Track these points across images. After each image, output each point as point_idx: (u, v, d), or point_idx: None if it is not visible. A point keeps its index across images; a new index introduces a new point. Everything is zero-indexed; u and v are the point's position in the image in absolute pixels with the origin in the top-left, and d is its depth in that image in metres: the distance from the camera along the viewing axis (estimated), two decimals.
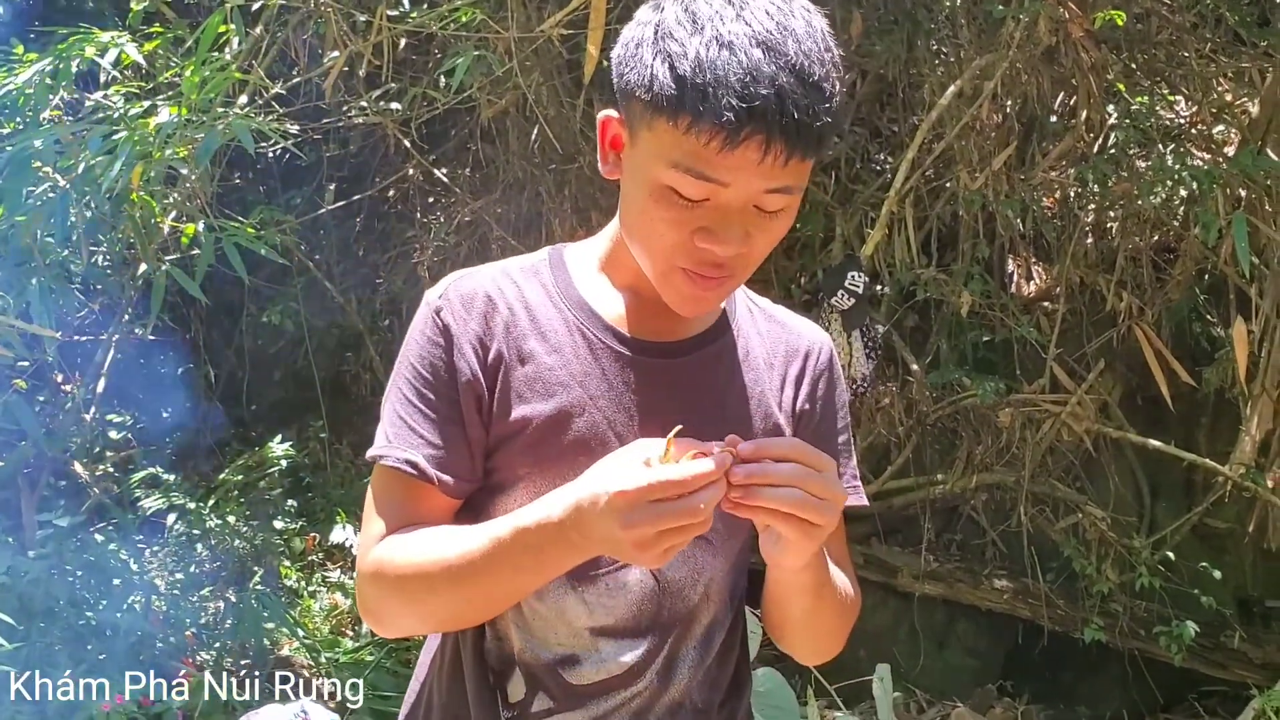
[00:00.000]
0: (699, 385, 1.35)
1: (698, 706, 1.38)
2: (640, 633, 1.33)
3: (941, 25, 4.69)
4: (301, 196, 5.92)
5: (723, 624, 1.40)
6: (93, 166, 3.63)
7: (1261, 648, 4.46)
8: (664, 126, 1.14)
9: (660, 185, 1.17)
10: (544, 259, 1.40)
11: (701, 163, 1.13)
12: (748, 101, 1.09)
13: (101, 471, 5.21)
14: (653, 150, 1.17)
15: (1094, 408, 4.57)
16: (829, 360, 1.46)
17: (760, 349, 1.41)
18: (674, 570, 1.33)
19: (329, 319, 6.08)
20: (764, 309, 1.47)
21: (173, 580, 4.74)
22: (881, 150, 5.24)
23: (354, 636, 4.75)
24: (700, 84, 1.10)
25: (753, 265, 1.25)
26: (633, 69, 1.17)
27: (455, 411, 1.30)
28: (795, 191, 1.19)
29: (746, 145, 1.11)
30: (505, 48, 4.20)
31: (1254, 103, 4.61)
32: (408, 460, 1.29)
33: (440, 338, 1.31)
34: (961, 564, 4.79)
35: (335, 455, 5.89)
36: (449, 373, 1.30)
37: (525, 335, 1.32)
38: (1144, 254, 4.62)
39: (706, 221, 1.18)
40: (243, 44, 4.22)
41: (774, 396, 1.39)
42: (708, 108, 1.10)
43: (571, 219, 4.89)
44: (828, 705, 3.91)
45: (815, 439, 1.39)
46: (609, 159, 1.27)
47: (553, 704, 1.33)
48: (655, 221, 1.20)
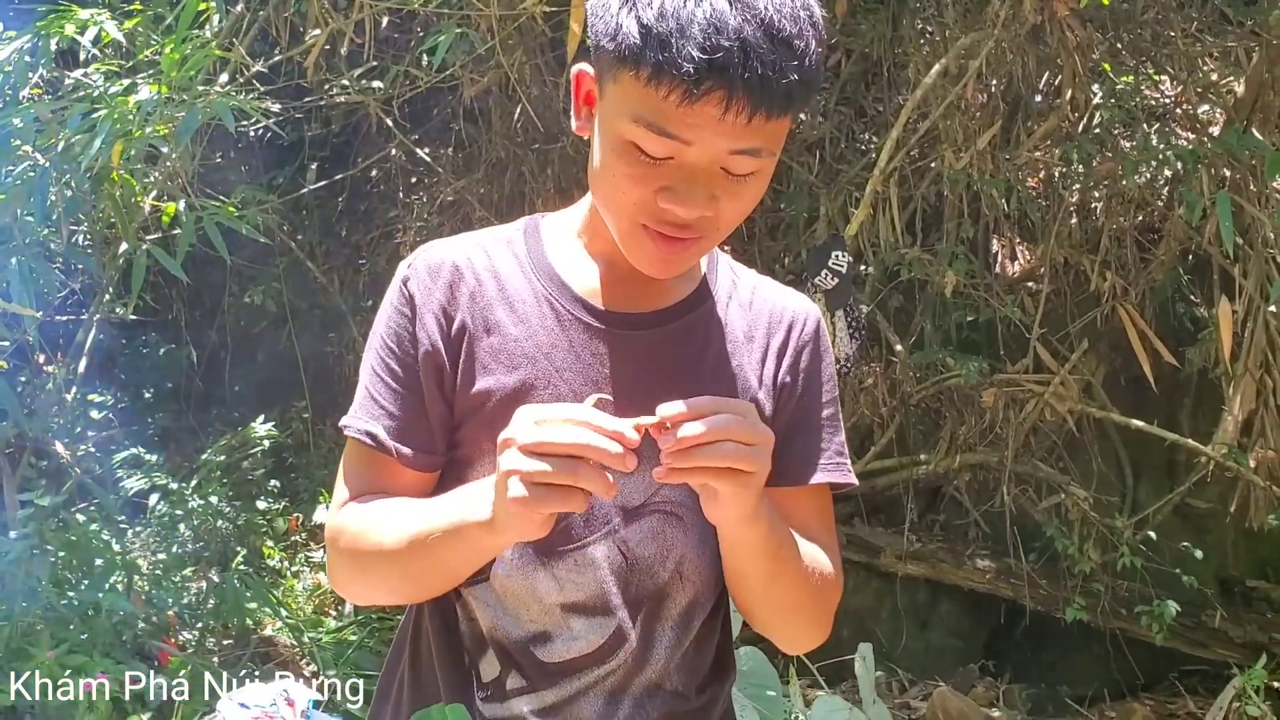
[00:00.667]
0: (672, 357, 1.32)
1: (676, 690, 1.36)
2: (610, 609, 1.31)
3: (926, 4, 4.68)
4: (283, 176, 5.89)
5: (703, 606, 1.38)
6: (72, 145, 3.60)
7: (1242, 627, 4.49)
8: (628, 79, 1.12)
9: (624, 140, 1.15)
10: (519, 228, 1.39)
11: (663, 117, 1.11)
12: (709, 53, 1.06)
13: (83, 451, 5.19)
14: (618, 103, 1.15)
15: (1077, 388, 4.58)
16: (815, 331, 1.40)
17: (741, 320, 1.38)
18: (642, 547, 1.31)
19: (311, 299, 6.06)
20: (748, 279, 1.43)
21: (155, 560, 4.73)
22: (866, 130, 5.23)
23: (337, 616, 4.74)
24: (663, 33, 1.08)
25: (723, 230, 1.23)
26: (601, 18, 1.15)
27: (418, 382, 1.29)
28: (765, 155, 1.16)
29: (707, 99, 1.08)
30: (487, 26, 4.17)
31: (1239, 82, 4.61)
32: (367, 431, 1.29)
33: (406, 308, 1.31)
34: (944, 544, 4.81)
35: (318, 436, 5.88)
36: (412, 344, 1.29)
37: (492, 305, 1.30)
38: (1128, 234, 4.63)
39: (670, 180, 1.15)
40: (223, 21, 4.19)
41: (753, 370, 1.36)
42: (667, 58, 1.07)
43: (555, 198, 4.87)
44: (810, 684, 3.92)
45: (798, 412, 1.37)
46: (582, 114, 1.25)
47: (525, 682, 1.31)
48: (618, 177, 1.18)
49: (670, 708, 1.35)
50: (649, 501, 1.31)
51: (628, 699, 1.33)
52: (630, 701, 1.33)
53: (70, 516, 4.49)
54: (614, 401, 1.26)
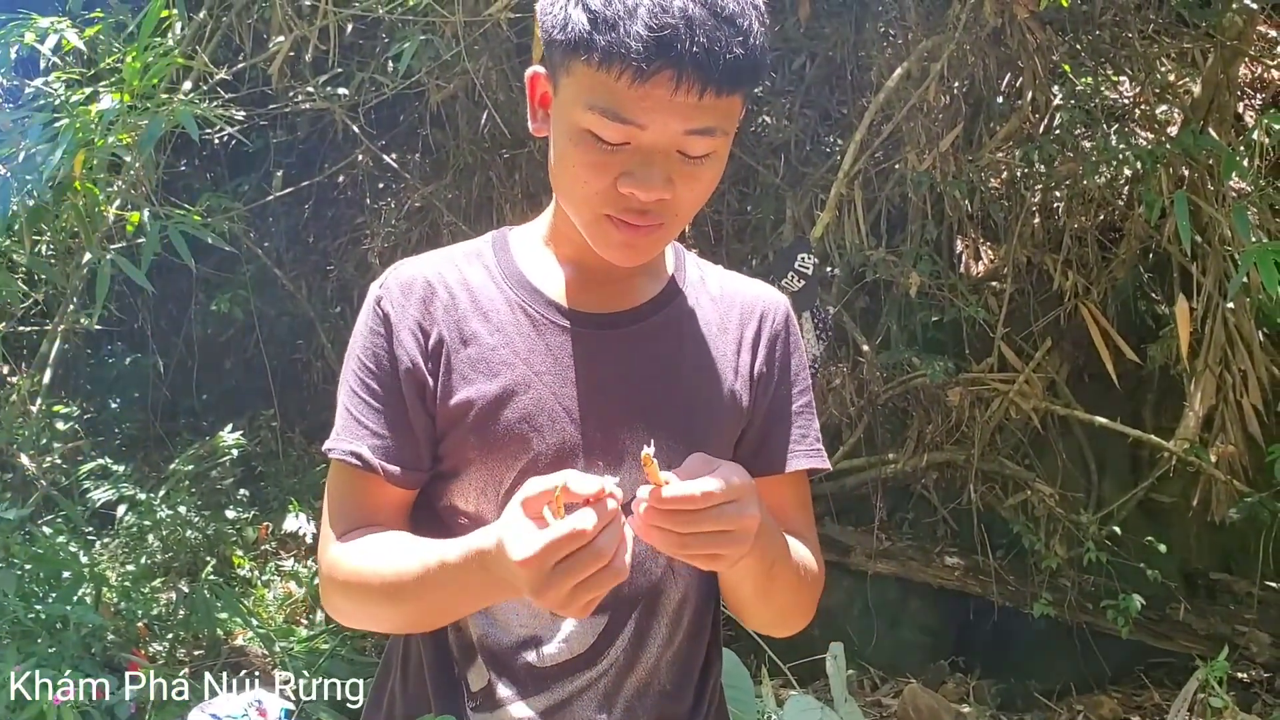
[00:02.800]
0: (647, 355, 1.34)
1: (665, 689, 1.37)
2: (603, 608, 1.32)
3: (889, 7, 4.72)
4: (249, 183, 5.86)
5: (692, 603, 1.39)
6: (34, 154, 3.58)
7: (1206, 619, 4.54)
8: (580, 68, 1.15)
9: (580, 130, 1.17)
10: (488, 242, 1.40)
11: (616, 101, 1.13)
12: (655, 31, 1.09)
13: (49, 463, 5.15)
14: (572, 94, 1.17)
15: (1041, 386, 4.63)
16: (785, 321, 1.43)
17: (713, 314, 1.40)
18: (633, 544, 1.32)
19: (279, 307, 6.03)
20: (715, 274, 1.45)
21: (124, 572, 4.69)
22: (830, 132, 5.26)
23: (308, 625, 4.72)
24: (610, 17, 1.11)
25: (683, 215, 1.25)
26: (551, 14, 1.18)
27: (399, 400, 1.30)
28: (719, 134, 1.18)
29: (657, 79, 1.11)
30: (453, 32, 4.18)
31: (1196, 83, 4.67)
32: (353, 452, 1.29)
33: (381, 327, 1.31)
34: (913, 542, 4.84)
35: (287, 444, 5.84)
36: (391, 362, 1.30)
37: (466, 317, 1.31)
38: (1089, 233, 4.68)
39: (628, 165, 1.17)
40: (186, 29, 4.17)
41: (729, 362, 1.38)
42: (616, 38, 1.10)
43: (523, 204, 4.88)
44: (782, 684, 3.93)
45: (774, 402, 1.40)
46: (538, 116, 1.27)
47: (516, 689, 1.32)
48: (578, 168, 1.20)
49: (661, 709, 1.37)
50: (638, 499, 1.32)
51: (619, 701, 1.34)
52: (621, 704, 1.34)
53: (37, 529, 4.45)
54: (587, 401, 1.29)
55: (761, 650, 3.69)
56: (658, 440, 1.27)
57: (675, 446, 1.31)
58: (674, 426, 1.31)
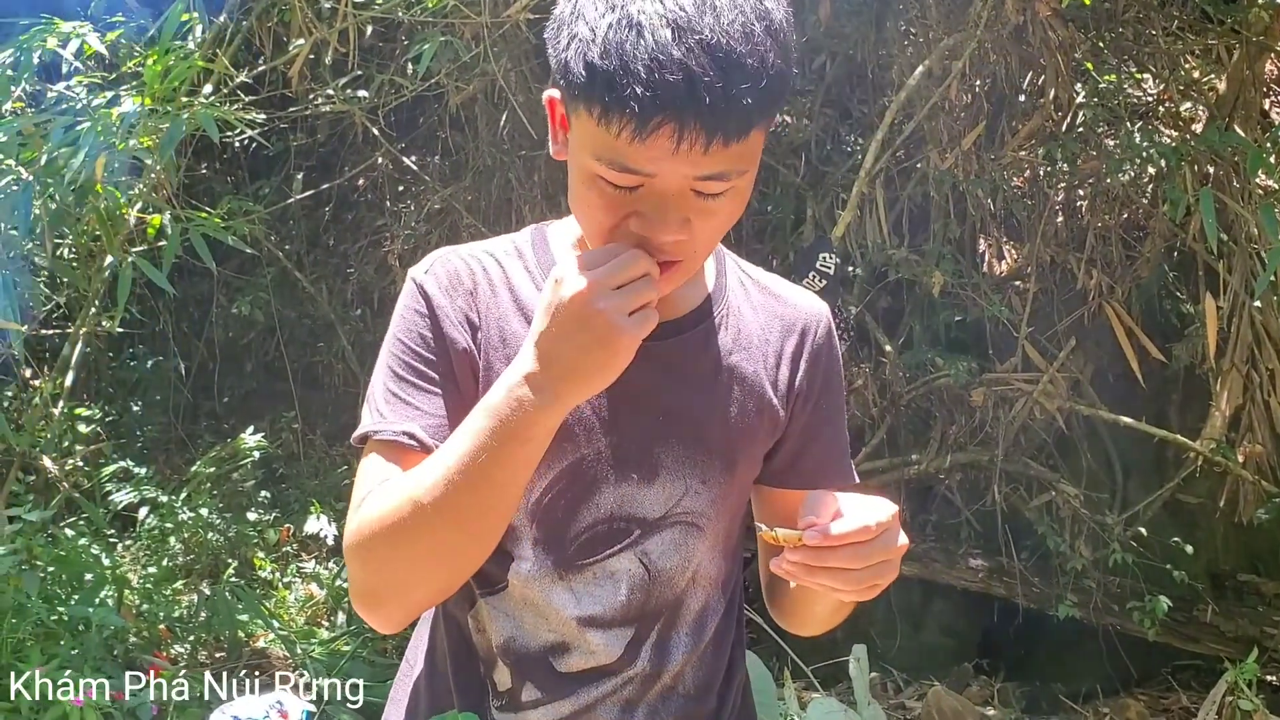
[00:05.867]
0: (685, 367, 1.31)
1: (690, 692, 1.36)
2: (628, 621, 1.31)
3: (910, 6, 4.70)
4: (270, 186, 5.87)
5: (715, 610, 1.38)
6: (56, 158, 3.59)
7: (1234, 621, 4.50)
8: (583, 115, 1.10)
9: (590, 173, 1.13)
10: (527, 239, 1.37)
11: (620, 155, 1.08)
12: (654, 89, 1.02)
13: (71, 465, 5.17)
14: (579, 139, 1.13)
15: (1066, 386, 4.59)
16: (827, 334, 1.40)
17: (754, 325, 1.37)
18: (664, 559, 1.31)
19: (300, 309, 6.05)
20: (758, 281, 1.42)
21: (145, 574, 4.71)
22: (851, 132, 5.24)
23: (329, 627, 4.73)
24: (607, 72, 1.04)
25: (703, 251, 1.20)
26: (554, 55, 1.12)
27: (449, 382, 1.26)
28: (734, 176, 1.12)
29: (658, 135, 1.05)
30: (473, 33, 4.18)
31: (1221, 79, 4.64)
32: (405, 431, 1.23)
33: (428, 311, 1.27)
34: (937, 544, 4.81)
35: (308, 446, 5.85)
36: (439, 343, 1.26)
37: (507, 316, 1.29)
38: (1113, 232, 4.64)
39: (641, 206, 1.12)
40: (207, 33, 4.18)
41: (768, 375, 1.35)
42: (614, 99, 1.04)
43: (542, 205, 4.88)
44: (805, 687, 3.92)
45: (812, 418, 1.38)
46: (559, 139, 1.21)
47: (541, 694, 1.31)
48: (590, 206, 1.16)
49: (684, 712, 1.36)
50: (670, 513, 1.30)
51: (643, 706, 1.34)
52: (645, 709, 1.34)
53: (59, 531, 4.47)
54: (625, 411, 1.27)
55: (784, 653, 3.68)
56: (692, 453, 1.29)
57: (709, 460, 1.30)
58: (709, 439, 1.30)
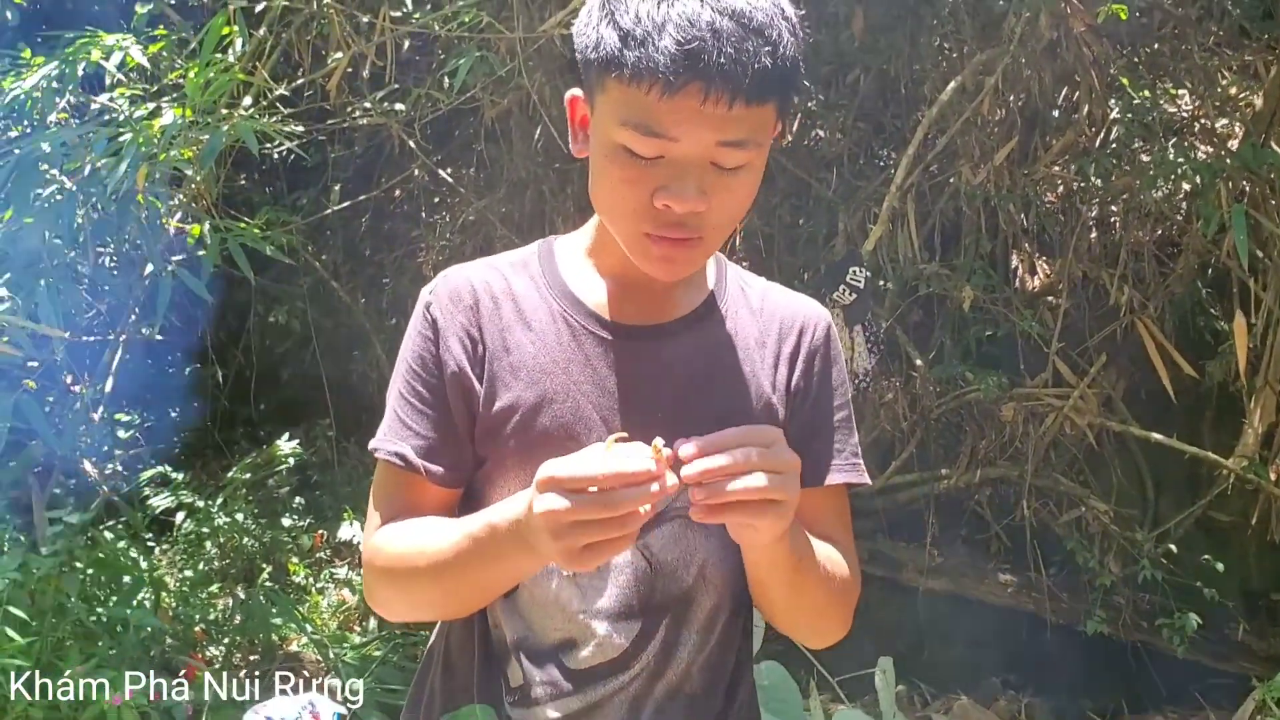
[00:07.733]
0: (685, 367, 1.36)
1: (695, 693, 1.39)
2: (634, 614, 1.35)
3: (944, 21, 4.70)
4: (307, 197, 5.94)
5: (725, 610, 1.41)
6: (98, 168, 3.66)
7: (1266, 640, 4.47)
8: (612, 84, 1.18)
9: (615, 145, 1.20)
10: (534, 251, 1.44)
11: (648, 115, 1.16)
12: (684, 45, 1.12)
13: (111, 470, 5.25)
14: (606, 112, 1.21)
15: (1097, 401, 4.57)
16: (825, 336, 1.44)
17: (752, 327, 1.42)
18: (665, 552, 1.35)
19: (336, 318, 6.11)
20: (757, 287, 1.47)
21: (182, 577, 4.78)
22: (884, 146, 5.24)
23: (361, 632, 4.77)
24: (639, 34, 1.14)
25: (721, 227, 1.26)
26: (585, 35, 1.22)
27: (445, 403, 1.34)
28: (751, 146, 1.20)
29: (687, 90, 1.13)
30: (508, 48, 4.22)
31: (1258, 95, 4.60)
32: (396, 452, 1.34)
33: (430, 332, 1.36)
34: (966, 559, 4.80)
35: (342, 453, 5.91)
36: (437, 366, 1.35)
37: (510, 326, 1.35)
38: (1146, 248, 4.62)
39: (662, 179, 1.19)
40: (246, 45, 4.24)
41: (766, 376, 1.39)
42: (645, 54, 1.13)
43: (575, 216, 4.91)
44: (831, 698, 3.92)
45: (812, 417, 1.41)
46: (579, 137, 1.31)
47: (552, 689, 1.35)
48: (615, 184, 1.23)
49: (690, 712, 1.39)
50: (671, 507, 1.34)
51: (649, 704, 1.37)
52: (651, 707, 1.37)
53: (99, 534, 4.54)
54: (625, 412, 1.31)
55: (810, 664, 3.68)
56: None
57: None
58: None
